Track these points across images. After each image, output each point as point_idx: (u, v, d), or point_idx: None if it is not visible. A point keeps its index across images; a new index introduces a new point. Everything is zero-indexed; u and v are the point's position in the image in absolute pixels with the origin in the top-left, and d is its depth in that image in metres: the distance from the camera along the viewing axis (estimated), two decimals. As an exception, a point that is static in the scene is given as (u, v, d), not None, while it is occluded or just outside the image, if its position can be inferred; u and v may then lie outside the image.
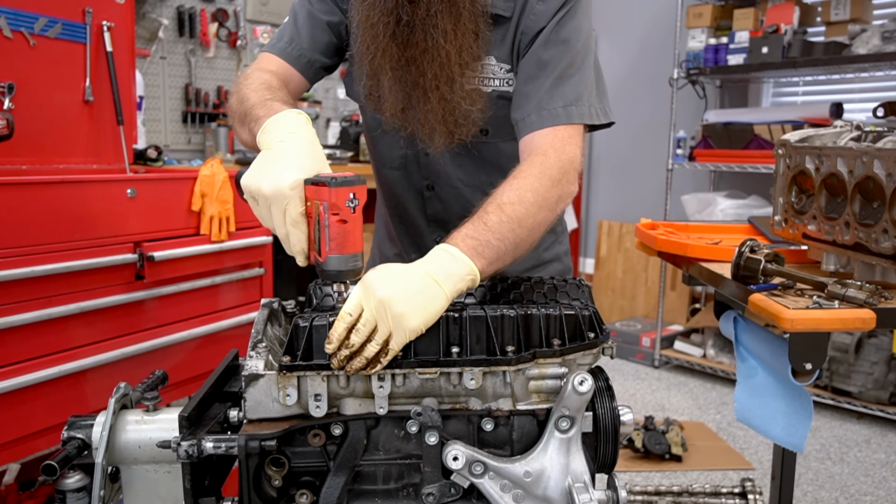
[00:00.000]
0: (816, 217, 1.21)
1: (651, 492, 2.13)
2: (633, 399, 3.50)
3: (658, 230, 1.49)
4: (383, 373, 0.85)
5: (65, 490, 1.03)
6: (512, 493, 0.86)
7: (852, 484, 2.63)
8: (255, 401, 0.87)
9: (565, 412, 0.86)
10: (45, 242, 1.85)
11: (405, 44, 1.12)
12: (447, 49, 1.11)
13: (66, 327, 1.91)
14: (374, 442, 0.89)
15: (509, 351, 0.86)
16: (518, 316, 0.87)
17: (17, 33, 1.89)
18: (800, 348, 1.04)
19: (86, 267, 1.93)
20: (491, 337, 0.86)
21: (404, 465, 0.89)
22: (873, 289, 1.01)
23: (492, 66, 1.21)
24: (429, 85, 1.14)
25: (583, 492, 0.83)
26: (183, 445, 0.86)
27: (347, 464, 0.88)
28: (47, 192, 1.84)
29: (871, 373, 3.20)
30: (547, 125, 1.14)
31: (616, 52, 4.73)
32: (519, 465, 0.86)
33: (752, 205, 3.69)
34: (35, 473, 1.90)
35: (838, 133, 1.28)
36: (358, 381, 0.87)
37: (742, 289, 1.12)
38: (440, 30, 1.10)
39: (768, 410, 1.24)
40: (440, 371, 0.86)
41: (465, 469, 0.85)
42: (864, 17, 3.38)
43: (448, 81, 1.14)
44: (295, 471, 0.89)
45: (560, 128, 1.14)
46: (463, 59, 1.14)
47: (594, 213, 4.95)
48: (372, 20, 1.12)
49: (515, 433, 0.89)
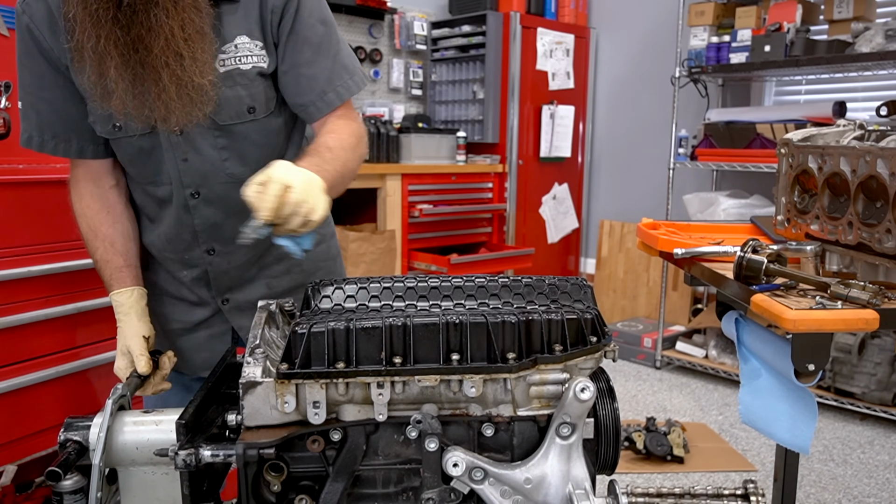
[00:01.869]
0: (819, 217, 1.20)
1: (653, 493, 2.12)
2: (634, 400, 3.49)
3: (660, 230, 1.48)
4: (383, 380, 0.85)
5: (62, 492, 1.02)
6: (512, 500, 0.85)
7: (855, 486, 2.62)
8: (252, 408, 0.86)
9: (566, 419, 0.85)
10: (43, 242, 1.85)
11: (129, 24, 1.14)
12: (170, 24, 1.14)
13: (63, 328, 1.91)
14: (374, 447, 0.89)
15: (510, 358, 0.85)
16: (519, 322, 0.86)
17: (14, 31, 1.88)
18: (802, 349, 1.03)
19: (84, 267, 1.92)
20: (492, 343, 0.85)
21: (404, 469, 0.89)
22: (876, 289, 1.00)
23: (246, 44, 1.26)
24: (157, 62, 1.16)
25: (583, 499, 0.83)
26: (181, 455, 0.85)
27: (347, 469, 0.87)
28: (45, 192, 1.83)
29: (874, 374, 3.18)
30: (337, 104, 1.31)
31: (617, 51, 4.72)
32: (519, 471, 0.85)
33: (754, 204, 3.68)
34: (32, 475, 1.89)
35: (841, 132, 1.27)
36: (357, 389, 0.87)
37: (744, 289, 1.11)
38: (160, 7, 1.13)
39: (772, 412, 1.23)
40: (440, 378, 0.85)
41: (465, 475, 0.84)
42: (867, 16, 3.37)
43: (177, 57, 1.17)
44: (294, 476, 0.88)
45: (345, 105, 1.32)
46: (187, 32, 1.17)
47: (595, 213, 4.94)
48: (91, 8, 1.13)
49: (516, 439, 0.88)
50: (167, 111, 1.20)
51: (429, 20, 4.61)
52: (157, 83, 1.18)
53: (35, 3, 1.25)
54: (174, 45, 1.16)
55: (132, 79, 1.18)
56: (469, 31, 4.42)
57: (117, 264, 1.35)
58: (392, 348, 0.86)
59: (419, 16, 4.58)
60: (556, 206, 4.71)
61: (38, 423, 1.84)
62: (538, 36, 4.43)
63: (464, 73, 4.52)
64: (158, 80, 1.17)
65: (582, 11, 4.74)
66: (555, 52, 4.53)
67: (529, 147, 4.50)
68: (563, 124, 4.59)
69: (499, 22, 4.32)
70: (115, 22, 1.13)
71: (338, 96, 1.30)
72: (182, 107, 1.20)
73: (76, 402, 1.93)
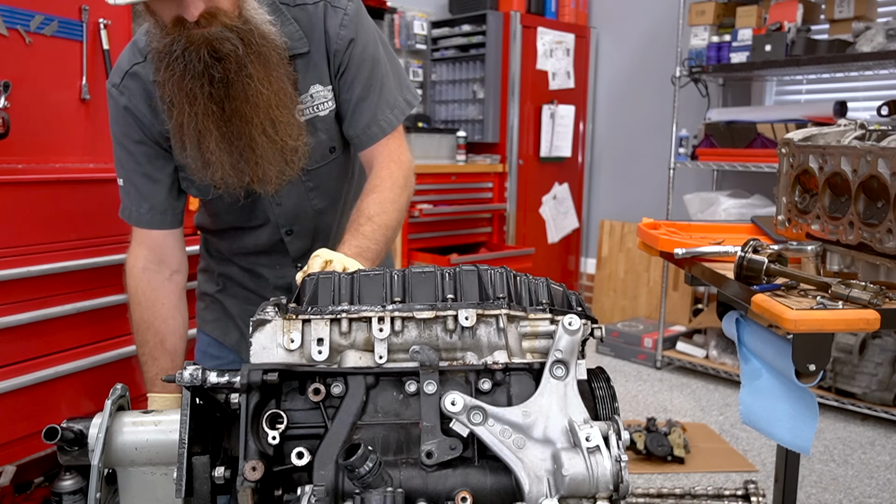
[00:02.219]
0: (820, 217, 1.20)
1: (653, 494, 2.12)
2: (634, 401, 3.48)
3: (660, 230, 1.48)
4: (383, 314, 0.90)
5: (61, 493, 1.02)
6: (513, 439, 0.85)
7: (856, 486, 2.61)
8: (259, 346, 0.90)
9: (558, 355, 0.87)
10: (42, 242, 1.84)
11: (224, 98, 1.19)
12: (266, 94, 1.21)
13: (62, 328, 1.90)
14: (374, 402, 0.90)
15: (501, 297, 0.91)
16: (507, 274, 0.94)
17: (13, 31, 1.88)
18: (803, 349, 1.03)
19: (83, 267, 1.92)
20: (483, 287, 0.92)
21: (402, 430, 0.89)
22: (877, 289, 1.00)
23: (320, 91, 1.35)
24: (255, 131, 1.23)
25: (584, 426, 0.84)
26: (188, 370, 0.88)
27: (346, 421, 0.88)
28: (43, 192, 1.83)
29: (875, 374, 3.18)
30: (380, 137, 1.37)
31: (618, 50, 4.71)
32: (517, 408, 0.86)
33: (755, 204, 3.67)
34: (31, 475, 1.89)
35: (842, 132, 1.27)
36: (359, 331, 0.91)
37: (745, 289, 1.11)
38: (255, 79, 1.19)
39: (773, 412, 1.23)
40: (436, 314, 0.89)
41: (463, 415, 0.84)
42: (868, 15, 3.36)
43: (272, 124, 1.24)
44: (292, 429, 0.89)
45: (391, 136, 1.38)
46: (281, 100, 1.24)
47: (595, 213, 4.94)
48: (186, 88, 1.17)
49: (513, 389, 0.90)
50: (264, 174, 1.28)
51: (429, 20, 4.61)
52: (253, 151, 1.25)
53: (131, 84, 1.31)
54: (271, 112, 1.22)
55: (229, 149, 1.25)
56: (469, 31, 4.42)
57: (164, 366, 1.39)
58: (392, 293, 0.92)
59: (419, 15, 4.57)
60: (556, 205, 4.71)
61: (37, 424, 1.84)
62: (538, 35, 4.43)
63: (464, 73, 4.52)
64: (255, 148, 1.24)
65: (582, 11, 4.74)
66: (555, 51, 4.53)
67: (529, 147, 4.49)
68: (563, 124, 4.58)
69: (499, 21, 4.32)
70: (210, 98, 1.18)
71: (381, 129, 1.38)
72: (277, 169, 1.28)
73: (74, 403, 1.93)
